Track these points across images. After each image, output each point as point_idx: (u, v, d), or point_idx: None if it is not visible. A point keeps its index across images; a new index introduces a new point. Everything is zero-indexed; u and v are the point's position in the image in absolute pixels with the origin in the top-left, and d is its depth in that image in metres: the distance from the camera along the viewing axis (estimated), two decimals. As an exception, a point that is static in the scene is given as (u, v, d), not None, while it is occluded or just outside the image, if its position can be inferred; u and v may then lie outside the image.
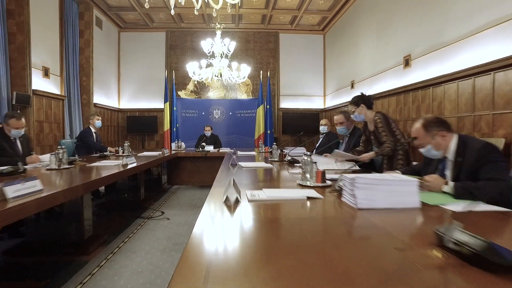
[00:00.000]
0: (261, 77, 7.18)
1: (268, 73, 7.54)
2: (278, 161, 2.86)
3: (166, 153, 4.32)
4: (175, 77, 7.54)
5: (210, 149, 5.03)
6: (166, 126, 6.93)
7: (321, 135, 3.72)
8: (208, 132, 5.65)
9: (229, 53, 5.34)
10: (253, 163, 2.70)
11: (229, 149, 5.17)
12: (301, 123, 7.49)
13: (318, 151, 2.67)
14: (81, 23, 6.36)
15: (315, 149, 3.46)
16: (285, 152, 3.05)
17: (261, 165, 2.59)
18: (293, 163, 2.46)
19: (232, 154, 2.87)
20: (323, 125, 3.71)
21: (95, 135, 4.28)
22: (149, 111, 7.94)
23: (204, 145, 5.05)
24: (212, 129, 5.80)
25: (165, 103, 7.02)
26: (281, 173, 2.11)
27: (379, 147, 2.22)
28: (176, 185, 5.14)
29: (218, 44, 5.27)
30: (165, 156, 4.13)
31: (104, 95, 7.15)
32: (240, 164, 2.48)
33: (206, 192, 4.64)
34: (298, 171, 1.70)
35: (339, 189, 1.23)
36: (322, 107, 8.21)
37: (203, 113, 7.32)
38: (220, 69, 5.41)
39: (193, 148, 5.58)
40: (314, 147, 3.54)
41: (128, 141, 4.11)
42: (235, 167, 2.17)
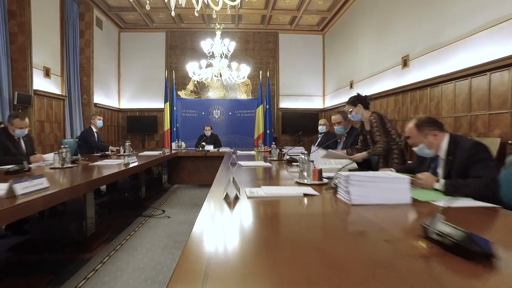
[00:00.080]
0: (260, 77, 7.22)
1: (267, 73, 7.58)
2: (277, 160, 2.91)
3: (166, 152, 4.37)
4: (175, 77, 7.58)
5: (210, 148, 5.07)
6: (166, 126, 6.98)
7: (319, 135, 3.77)
8: (208, 132, 5.70)
9: (229, 53, 5.39)
10: (253, 162, 2.75)
11: (228, 148, 5.21)
12: (301, 123, 7.53)
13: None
14: (81, 23, 6.39)
15: (317, 143, 3.52)
16: (284, 151, 3.10)
17: (260, 164, 2.64)
18: (291, 162, 2.50)
19: (232, 153, 2.92)
20: (321, 125, 3.76)
21: (96, 134, 4.32)
22: (149, 111, 7.98)
23: (204, 145, 5.09)
24: (212, 129, 5.84)
25: (165, 103, 7.06)
26: (279, 172, 2.16)
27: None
28: (176, 184, 5.19)
29: (218, 44, 5.31)
30: (165, 155, 4.17)
31: (104, 95, 7.19)
32: (239, 163, 2.52)
33: (206, 191, 4.68)
34: (296, 169, 1.75)
35: (335, 187, 1.28)
36: (321, 107, 8.25)
37: (203, 113, 7.36)
38: (220, 69, 5.46)
39: (193, 147, 5.62)
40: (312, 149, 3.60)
41: (128, 140, 4.15)
42: (234, 166, 2.22)
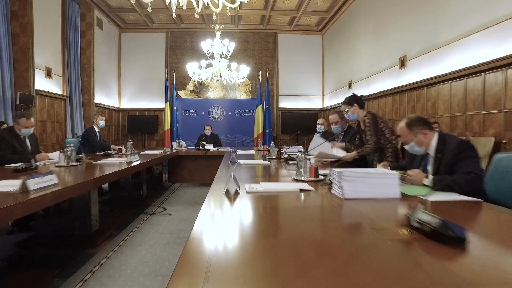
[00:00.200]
0: (260, 77, 7.28)
1: (267, 73, 7.64)
2: (275, 158, 2.98)
3: (167, 151, 4.44)
4: (175, 77, 7.64)
5: (210, 148, 5.14)
6: (166, 125, 7.04)
7: (313, 138, 3.83)
8: (208, 131, 5.77)
9: (229, 54, 5.45)
10: (252, 161, 2.82)
11: (228, 148, 5.28)
12: (300, 123, 7.59)
13: (313, 148, 2.81)
14: (82, 24, 6.44)
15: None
16: (282, 150, 3.17)
17: (259, 163, 2.71)
18: (289, 160, 2.57)
19: (231, 152, 2.99)
20: (320, 124, 3.83)
21: (98, 134, 4.39)
22: (149, 110, 8.04)
23: (204, 144, 5.16)
24: (212, 129, 5.91)
25: (165, 103, 7.12)
26: (278, 170, 2.24)
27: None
28: (177, 183, 5.26)
29: (217, 44, 5.37)
30: (166, 154, 4.24)
31: (105, 95, 7.24)
32: (239, 161, 2.59)
33: (206, 189, 4.75)
34: (293, 167, 1.82)
35: (330, 183, 1.35)
36: (320, 107, 8.32)
37: (203, 113, 7.42)
38: (219, 70, 5.52)
39: (193, 147, 5.68)
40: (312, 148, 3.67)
41: (128, 140, 4.22)
42: (234, 165, 2.28)
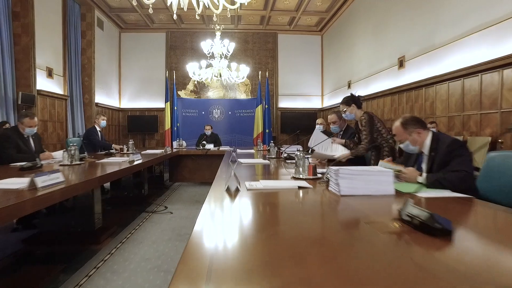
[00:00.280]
0: (259, 77, 7.32)
1: (266, 73, 7.68)
2: (275, 158, 3.03)
3: (168, 151, 4.49)
4: (175, 77, 7.68)
5: (210, 147, 5.19)
6: (167, 125, 7.08)
7: (313, 133, 3.87)
8: (208, 131, 5.81)
9: (229, 54, 5.49)
10: (252, 160, 2.87)
11: (228, 147, 5.33)
12: (299, 122, 7.62)
13: (313, 146, 2.86)
14: (83, 24, 6.48)
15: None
16: (282, 150, 3.22)
17: (259, 162, 2.76)
18: (288, 159, 2.62)
19: (232, 151, 3.04)
20: (319, 124, 3.87)
21: (100, 133, 4.44)
22: (150, 110, 8.08)
23: (205, 144, 5.21)
24: (212, 128, 5.96)
25: (166, 103, 7.17)
26: (277, 168, 2.29)
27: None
28: (177, 182, 5.31)
29: (217, 45, 5.41)
30: (167, 154, 4.29)
31: (105, 95, 7.28)
32: (239, 160, 2.64)
33: (206, 188, 4.79)
34: (293, 166, 1.87)
35: (327, 180, 1.40)
36: (319, 107, 8.36)
37: (203, 113, 7.46)
38: (219, 70, 5.56)
39: (193, 146, 5.73)
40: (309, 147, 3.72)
41: (130, 139, 4.27)
42: (234, 163, 2.33)
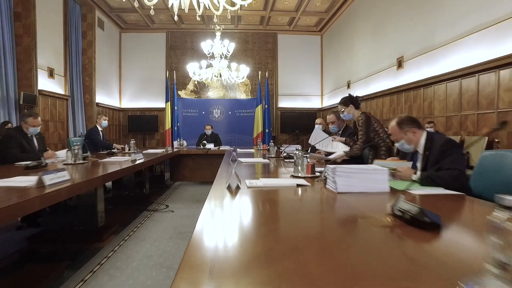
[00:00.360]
0: (259, 77, 7.35)
1: (266, 73, 7.72)
2: (274, 157, 3.08)
3: (169, 150, 4.54)
4: (176, 77, 7.71)
5: (210, 147, 5.24)
6: (167, 125, 7.12)
7: (314, 131, 3.92)
8: (208, 131, 5.86)
9: (229, 54, 5.53)
10: (252, 159, 2.92)
11: (229, 147, 5.37)
12: (299, 122, 7.65)
13: (314, 144, 2.92)
14: (83, 24, 6.51)
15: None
16: (281, 149, 3.27)
17: (259, 161, 2.81)
18: (287, 158, 2.67)
19: (232, 151, 3.08)
20: (318, 124, 3.91)
21: (101, 133, 4.49)
22: (150, 110, 8.11)
23: (205, 143, 5.25)
24: (212, 128, 6.01)
25: (166, 103, 7.21)
26: (276, 167, 2.34)
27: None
28: (178, 181, 5.36)
29: (217, 45, 5.45)
30: (168, 153, 4.34)
31: (106, 95, 7.32)
32: (239, 159, 2.69)
33: (207, 187, 4.83)
34: (292, 165, 1.91)
35: (325, 179, 1.45)
36: (319, 107, 8.40)
37: (203, 113, 7.50)
38: (219, 70, 5.61)
39: (194, 146, 5.78)
40: (310, 144, 3.77)
41: (129, 139, 4.31)
42: (235, 163, 2.38)
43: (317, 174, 1.68)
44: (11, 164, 2.39)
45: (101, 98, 6.97)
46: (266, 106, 7.26)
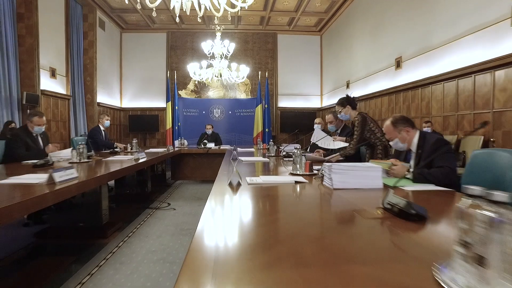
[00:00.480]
0: (259, 77, 7.41)
1: (266, 73, 7.78)
2: (274, 156, 3.15)
3: (171, 149, 4.61)
4: (176, 77, 7.77)
5: (211, 146, 5.30)
6: (168, 124, 7.19)
7: (314, 131, 3.99)
8: (209, 130, 5.93)
9: (229, 54, 5.59)
10: (252, 158, 2.99)
11: (229, 146, 5.44)
12: (298, 122, 7.70)
13: (313, 144, 3.00)
14: (85, 24, 6.57)
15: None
16: (281, 148, 3.34)
17: (259, 159, 2.88)
18: (287, 157, 2.74)
19: (232, 150, 3.15)
20: (317, 123, 3.98)
21: (104, 133, 4.55)
22: (151, 110, 8.17)
23: (206, 142, 5.32)
24: (213, 128, 6.07)
25: (167, 102, 7.27)
26: (276, 165, 2.41)
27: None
28: (179, 180, 5.43)
29: (218, 45, 5.51)
30: (170, 152, 4.41)
31: (107, 95, 7.38)
32: (240, 158, 2.75)
33: (207, 186, 4.90)
34: (291, 163, 1.98)
35: (322, 176, 1.52)
36: (318, 106, 8.46)
37: (204, 112, 7.56)
38: (220, 70, 5.67)
39: (195, 145, 5.85)
40: (309, 143, 3.85)
41: (130, 139, 4.38)
42: (235, 161, 2.44)
43: (315, 171, 1.75)
44: (18, 162, 2.46)
45: (102, 98, 7.03)
46: (266, 105, 7.32)
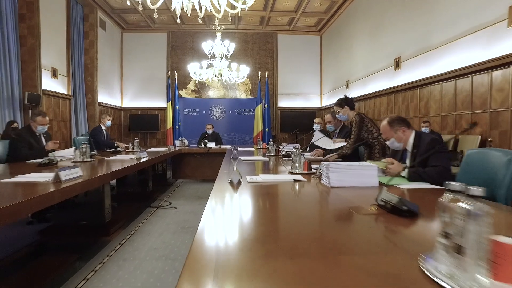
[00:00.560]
0: (259, 77, 7.45)
1: (266, 73, 7.82)
2: (274, 155, 3.19)
3: (172, 149, 4.65)
4: (176, 77, 7.80)
5: (212, 145, 5.35)
6: (168, 124, 7.23)
7: (314, 133, 4.04)
8: (209, 130, 5.97)
9: (229, 54, 5.63)
10: (252, 157, 3.03)
11: (229, 145, 5.48)
12: (298, 121, 7.74)
13: (313, 144, 3.05)
14: (85, 24, 6.60)
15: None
16: (281, 148, 3.39)
17: (259, 159, 2.92)
18: (286, 156, 2.78)
19: (233, 149, 3.19)
20: (316, 123, 4.03)
21: (105, 133, 4.59)
22: (151, 109, 8.21)
23: (206, 142, 5.36)
24: (213, 127, 6.12)
25: (167, 102, 7.31)
26: (275, 164, 2.45)
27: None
28: (180, 179, 5.48)
29: (218, 45, 5.55)
30: (171, 151, 4.45)
31: (107, 94, 7.41)
32: (240, 157, 2.80)
33: (208, 185, 4.94)
34: (290, 162, 2.02)
35: (320, 175, 1.56)
36: (318, 106, 8.50)
37: (204, 112, 7.60)
38: (220, 70, 5.71)
39: (195, 145, 5.89)
40: (309, 143, 3.90)
41: (130, 138, 4.42)
42: (236, 160, 2.49)
43: (313, 170, 1.80)
44: (23, 162, 2.51)
45: (103, 97, 7.07)
46: (266, 105, 7.36)
